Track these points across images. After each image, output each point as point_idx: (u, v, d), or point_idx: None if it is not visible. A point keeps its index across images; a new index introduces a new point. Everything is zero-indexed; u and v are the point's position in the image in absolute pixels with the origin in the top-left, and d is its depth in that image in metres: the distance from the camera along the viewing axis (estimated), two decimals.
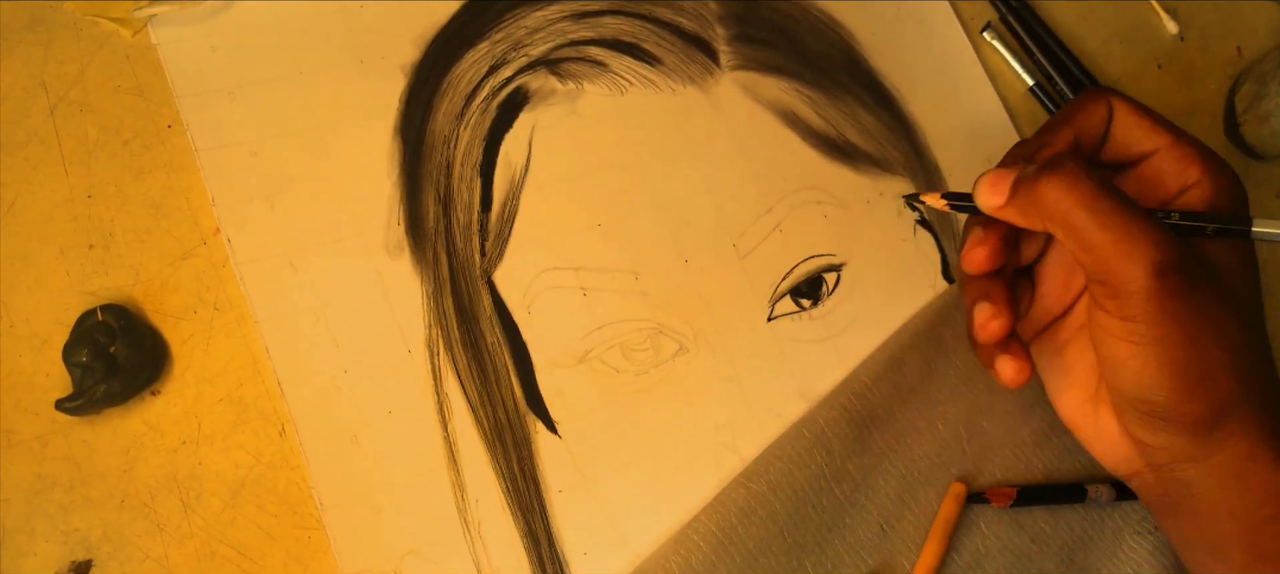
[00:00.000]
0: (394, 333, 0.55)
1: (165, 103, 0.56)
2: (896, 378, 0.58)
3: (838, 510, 0.56)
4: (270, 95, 0.57)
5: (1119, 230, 0.45)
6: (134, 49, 0.57)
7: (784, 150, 0.60)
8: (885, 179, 0.61)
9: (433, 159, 0.57)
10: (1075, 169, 0.47)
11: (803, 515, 0.55)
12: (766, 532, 0.55)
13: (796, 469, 0.56)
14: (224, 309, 0.54)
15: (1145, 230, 0.45)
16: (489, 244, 0.57)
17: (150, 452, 0.53)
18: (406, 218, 0.56)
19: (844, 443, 0.57)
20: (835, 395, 0.57)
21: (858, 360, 0.58)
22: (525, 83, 0.59)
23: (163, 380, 0.54)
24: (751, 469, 0.56)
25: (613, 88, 0.60)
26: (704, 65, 0.60)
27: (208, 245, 0.55)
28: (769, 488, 0.55)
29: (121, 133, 0.56)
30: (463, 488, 0.54)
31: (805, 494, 0.55)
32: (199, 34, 0.57)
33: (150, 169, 0.55)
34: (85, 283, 0.54)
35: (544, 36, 0.60)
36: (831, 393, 0.58)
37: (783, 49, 0.61)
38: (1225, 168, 0.50)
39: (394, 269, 0.56)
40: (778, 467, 0.55)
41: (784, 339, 0.58)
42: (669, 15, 0.61)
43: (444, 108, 0.58)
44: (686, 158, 0.60)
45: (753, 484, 0.55)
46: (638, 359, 0.57)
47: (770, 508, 0.55)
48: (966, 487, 0.57)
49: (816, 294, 0.59)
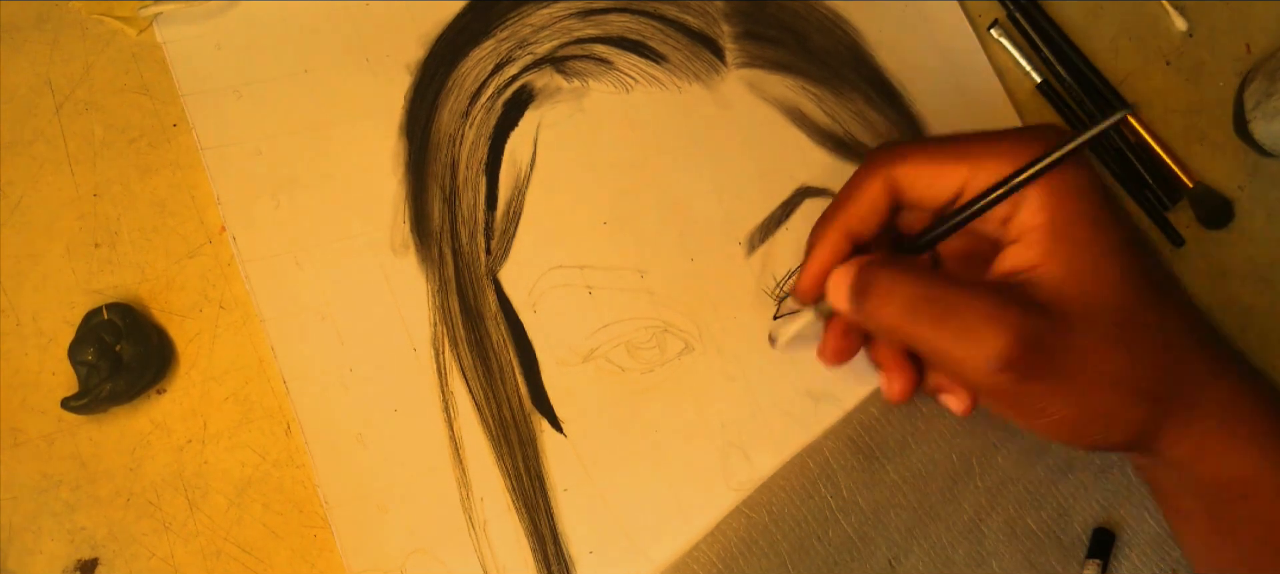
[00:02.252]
0: (399, 331, 0.56)
1: (171, 101, 0.57)
2: (909, 409, 0.58)
3: (845, 545, 0.56)
4: (276, 93, 0.57)
5: (953, 330, 0.43)
6: (140, 47, 0.57)
7: (791, 148, 0.60)
8: None
9: (438, 157, 0.58)
10: (889, 279, 0.45)
11: (807, 548, 0.55)
12: (769, 564, 0.55)
13: (800, 501, 0.55)
14: (229, 307, 0.55)
15: (983, 320, 0.43)
16: (494, 242, 0.57)
17: (156, 450, 0.53)
18: (412, 216, 0.57)
19: (851, 475, 0.56)
20: (843, 425, 0.57)
21: (861, 360, 0.58)
22: (531, 81, 0.59)
23: (168, 379, 0.54)
24: (753, 499, 0.55)
25: (618, 85, 0.60)
26: (710, 63, 0.61)
27: (213, 244, 0.55)
28: (772, 519, 0.55)
29: (127, 131, 0.56)
30: (468, 486, 0.54)
31: (810, 526, 0.55)
32: (204, 32, 0.58)
33: (156, 167, 0.56)
34: (91, 281, 0.54)
35: (549, 34, 0.60)
36: (839, 423, 0.57)
37: (789, 46, 0.61)
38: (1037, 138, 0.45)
39: (399, 267, 0.56)
40: (781, 497, 0.55)
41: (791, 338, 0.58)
42: (675, 13, 0.61)
43: (449, 106, 0.58)
44: (692, 156, 0.60)
45: (754, 514, 0.55)
46: (643, 358, 0.57)
47: (772, 540, 0.55)
48: None
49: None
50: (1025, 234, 0.45)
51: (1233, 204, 0.62)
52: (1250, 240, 0.62)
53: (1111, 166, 0.62)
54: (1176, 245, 0.62)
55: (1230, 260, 0.62)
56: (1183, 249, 0.62)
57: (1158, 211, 0.62)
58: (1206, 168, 0.63)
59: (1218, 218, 0.62)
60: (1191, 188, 0.62)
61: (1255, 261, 0.62)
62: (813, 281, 0.51)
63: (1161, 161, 0.62)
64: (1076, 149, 0.44)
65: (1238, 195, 0.63)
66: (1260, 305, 0.62)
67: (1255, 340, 0.61)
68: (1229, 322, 0.61)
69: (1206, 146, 0.63)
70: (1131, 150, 0.62)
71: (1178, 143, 0.63)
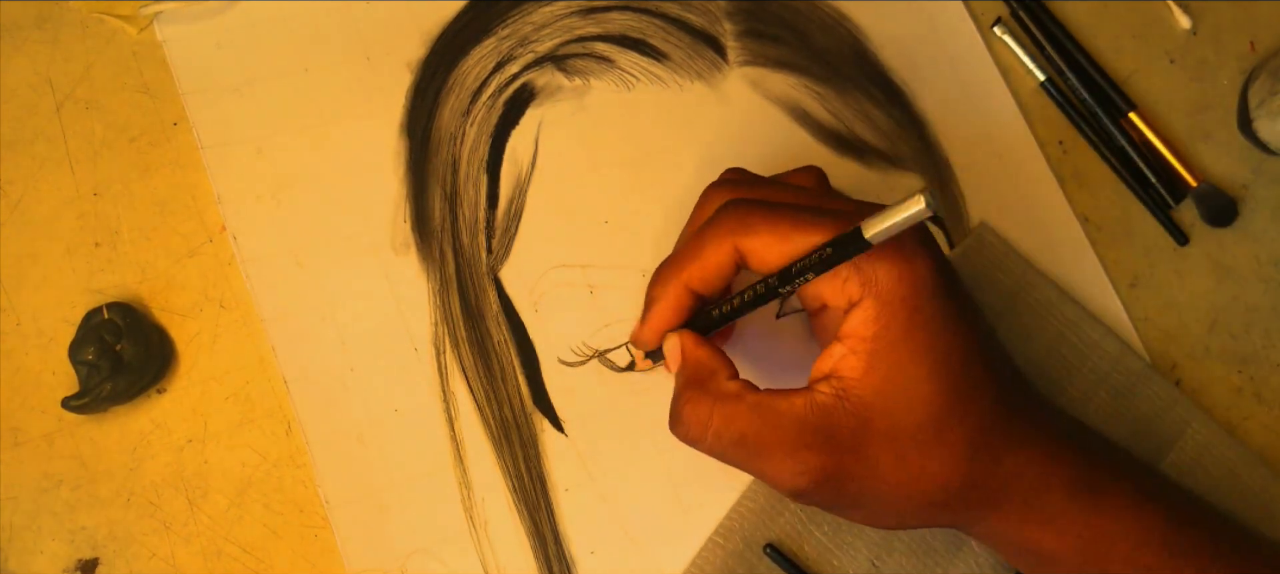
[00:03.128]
0: (400, 331, 0.56)
1: (171, 100, 0.57)
2: None
3: (823, 555, 0.56)
4: (276, 92, 0.58)
5: (760, 466, 0.46)
6: (140, 46, 0.57)
7: (792, 146, 0.60)
8: (894, 174, 0.61)
9: (439, 156, 0.58)
10: (700, 416, 0.47)
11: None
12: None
13: (770, 520, 0.55)
14: (230, 307, 0.55)
15: (784, 460, 0.45)
16: (495, 241, 0.57)
17: (157, 450, 0.53)
18: (413, 215, 0.57)
19: None
20: None
21: None
22: (532, 79, 0.59)
23: (169, 378, 0.54)
24: (724, 526, 0.55)
25: (620, 84, 0.60)
26: (712, 61, 0.61)
27: (214, 243, 0.56)
28: (745, 544, 0.55)
29: (128, 130, 0.56)
30: (469, 486, 0.54)
31: (785, 545, 0.55)
32: (205, 31, 0.58)
33: (156, 166, 0.56)
34: (92, 281, 0.54)
35: (551, 32, 0.60)
36: None
37: (791, 45, 0.61)
38: (847, 216, 0.45)
39: (400, 267, 0.56)
40: (750, 521, 0.55)
41: (791, 337, 0.58)
42: (676, 11, 0.61)
43: (450, 104, 0.58)
44: (694, 154, 0.60)
45: (729, 541, 0.55)
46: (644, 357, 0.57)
47: (750, 566, 0.55)
48: None
49: None
50: (852, 340, 0.46)
51: (1237, 202, 0.62)
52: (1254, 238, 0.62)
53: (1116, 165, 0.62)
54: (1181, 244, 0.62)
55: (1235, 258, 0.62)
56: (1187, 248, 0.62)
57: (1162, 210, 0.62)
58: (1211, 166, 0.63)
59: (1222, 216, 0.62)
60: (1196, 187, 0.62)
61: (1259, 259, 0.62)
62: (653, 335, 0.51)
63: (1165, 160, 0.63)
64: (856, 250, 0.43)
65: (1242, 193, 0.63)
66: (1264, 304, 0.61)
67: (1259, 339, 0.61)
68: (1233, 321, 0.61)
69: (1211, 145, 0.63)
70: (1135, 149, 0.62)
71: (1181, 141, 0.63)
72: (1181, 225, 0.62)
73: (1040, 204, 0.62)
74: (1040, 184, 0.62)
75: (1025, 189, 0.62)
